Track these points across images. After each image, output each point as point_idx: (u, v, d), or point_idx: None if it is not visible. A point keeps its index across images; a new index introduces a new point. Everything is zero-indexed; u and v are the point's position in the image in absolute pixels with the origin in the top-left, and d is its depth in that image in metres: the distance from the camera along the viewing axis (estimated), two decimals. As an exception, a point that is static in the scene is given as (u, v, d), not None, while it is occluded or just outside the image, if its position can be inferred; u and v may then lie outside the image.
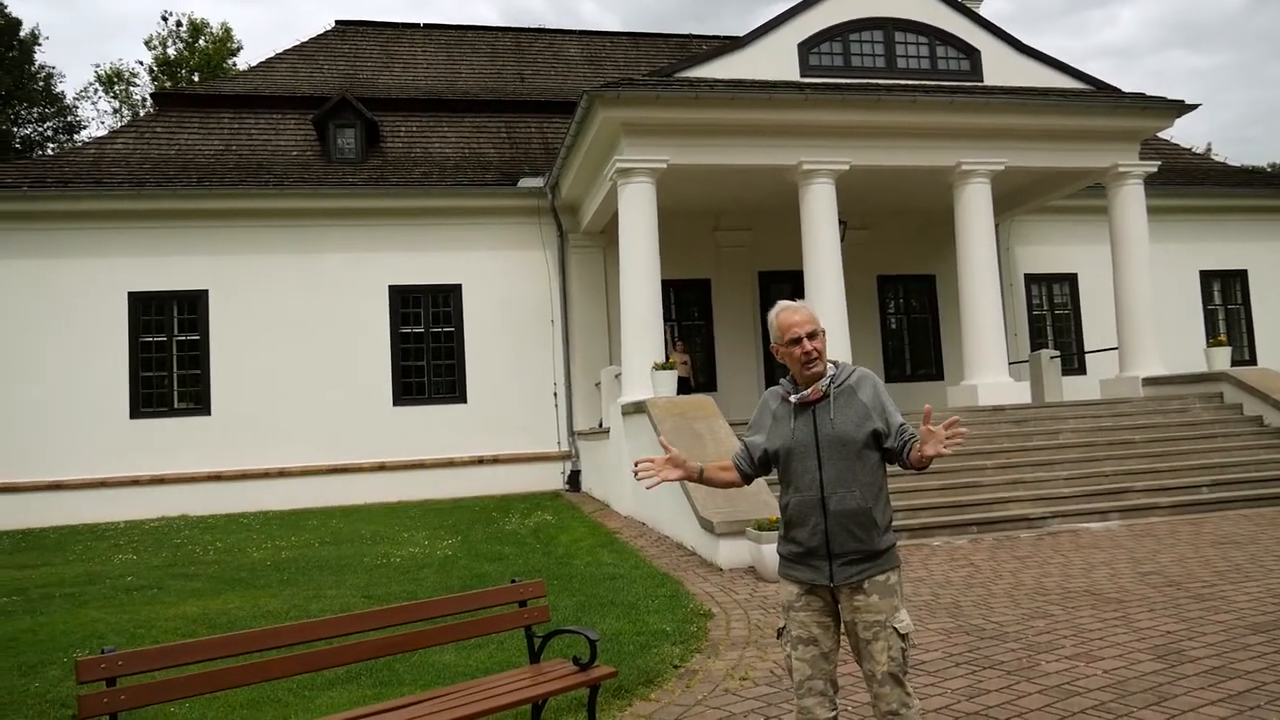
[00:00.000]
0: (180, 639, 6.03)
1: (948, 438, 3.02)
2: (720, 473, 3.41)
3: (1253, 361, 19.35)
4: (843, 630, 3.23)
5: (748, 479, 3.41)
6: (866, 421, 3.15)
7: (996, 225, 15.04)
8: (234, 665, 3.55)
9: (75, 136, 33.24)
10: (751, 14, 67.73)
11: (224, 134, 17.52)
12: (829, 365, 3.25)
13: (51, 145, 32.66)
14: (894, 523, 3.27)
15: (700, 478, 3.38)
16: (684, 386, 13.74)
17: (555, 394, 16.34)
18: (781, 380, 3.38)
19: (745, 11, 66.96)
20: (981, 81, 14.00)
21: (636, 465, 3.37)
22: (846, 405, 3.18)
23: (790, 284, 16.66)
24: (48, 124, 33.46)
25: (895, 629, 3.07)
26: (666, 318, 14.76)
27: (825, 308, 13.02)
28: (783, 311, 3.27)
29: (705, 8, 68.64)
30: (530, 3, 61.80)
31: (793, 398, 3.25)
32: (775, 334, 3.27)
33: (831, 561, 3.12)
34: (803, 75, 13.46)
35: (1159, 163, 15.26)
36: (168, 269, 15.31)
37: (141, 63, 42.11)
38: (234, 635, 3.61)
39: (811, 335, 3.21)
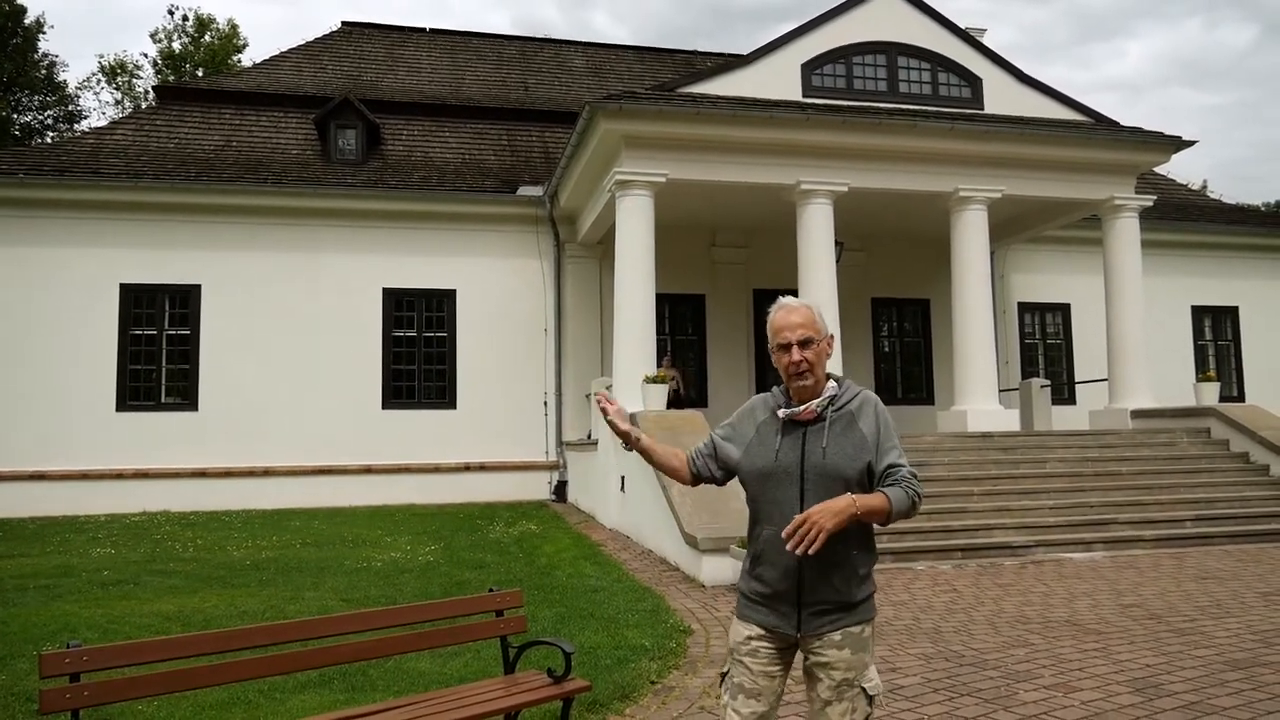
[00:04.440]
0: (154, 636, 5.97)
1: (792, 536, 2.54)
2: (669, 458, 3.00)
3: (1241, 398, 19.42)
4: (794, 676, 2.85)
5: (695, 479, 2.99)
6: (862, 454, 2.69)
7: (992, 252, 15.10)
8: (203, 665, 3.50)
9: (75, 126, 33.18)
10: (761, 31, 68.22)
11: (225, 130, 17.50)
12: (830, 384, 2.79)
13: (51, 134, 32.62)
14: (877, 548, 2.86)
15: (639, 445, 2.97)
16: (674, 402, 13.71)
17: (545, 403, 16.29)
18: (774, 388, 2.90)
19: (756, 29, 67.44)
20: (982, 109, 14.07)
21: (599, 395, 3.07)
22: (843, 434, 2.71)
23: (784, 302, 16.65)
24: (48, 113, 33.43)
25: (864, 689, 2.68)
26: (660, 331, 14.73)
27: (818, 328, 13.02)
28: (780, 310, 2.82)
29: (716, 24, 69.08)
30: (543, 12, 62.13)
31: (782, 412, 2.78)
32: (769, 333, 2.83)
33: (801, 610, 2.69)
34: (805, 95, 13.51)
35: (1155, 197, 15.35)
36: (161, 262, 15.24)
37: (146, 55, 42.18)
38: (203, 634, 3.56)
39: (804, 343, 2.73)
